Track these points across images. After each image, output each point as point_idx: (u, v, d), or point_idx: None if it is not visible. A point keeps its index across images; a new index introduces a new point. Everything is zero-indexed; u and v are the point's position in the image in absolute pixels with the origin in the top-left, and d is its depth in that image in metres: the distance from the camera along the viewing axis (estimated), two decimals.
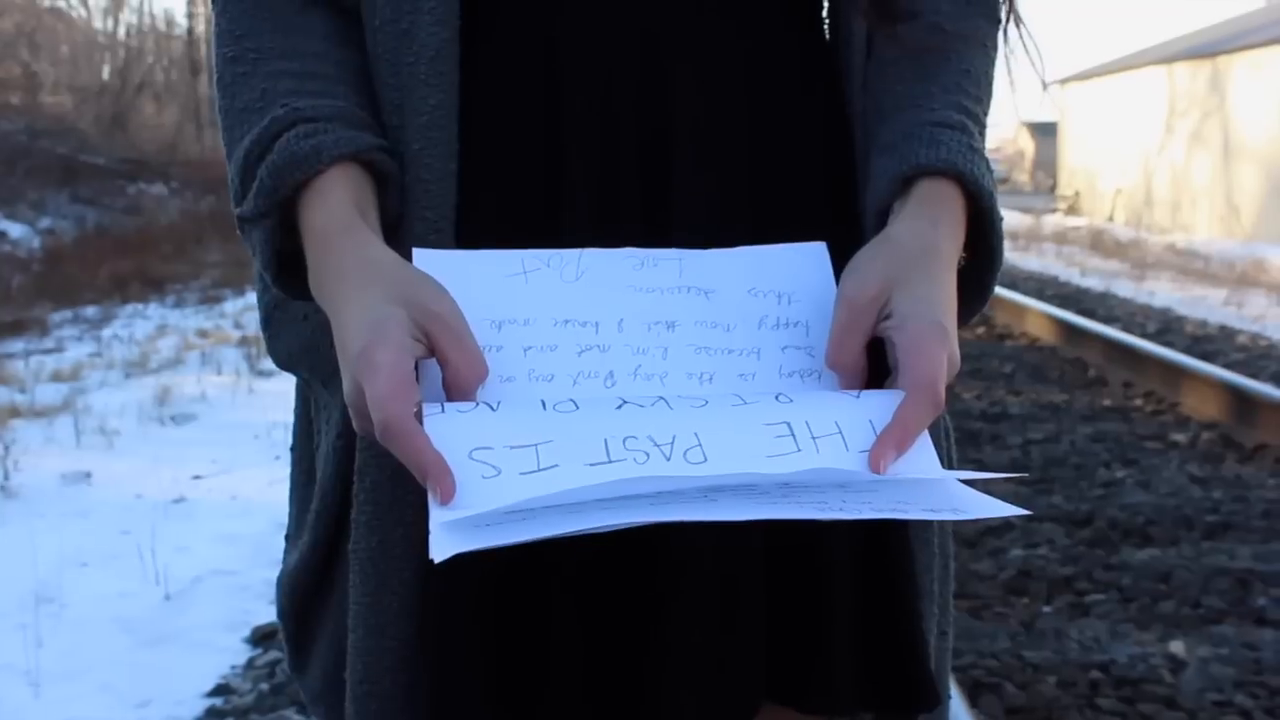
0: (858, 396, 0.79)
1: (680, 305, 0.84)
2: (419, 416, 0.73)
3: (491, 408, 0.75)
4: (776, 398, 0.79)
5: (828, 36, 0.98)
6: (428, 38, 0.86)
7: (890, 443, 0.76)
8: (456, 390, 0.75)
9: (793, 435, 0.76)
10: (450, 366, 0.75)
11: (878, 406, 0.78)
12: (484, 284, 0.82)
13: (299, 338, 0.93)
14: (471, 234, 0.86)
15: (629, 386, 0.80)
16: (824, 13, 0.98)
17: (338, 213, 0.82)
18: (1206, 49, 20.44)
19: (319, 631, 0.94)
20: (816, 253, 0.87)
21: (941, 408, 0.79)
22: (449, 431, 0.72)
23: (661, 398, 0.78)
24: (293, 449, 1.01)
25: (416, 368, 0.75)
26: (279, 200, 0.82)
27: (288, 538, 1.00)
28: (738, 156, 0.91)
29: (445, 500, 0.70)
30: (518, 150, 0.88)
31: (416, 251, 0.83)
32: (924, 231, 0.84)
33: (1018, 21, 0.96)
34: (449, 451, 0.71)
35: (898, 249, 0.83)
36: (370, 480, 0.86)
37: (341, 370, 0.77)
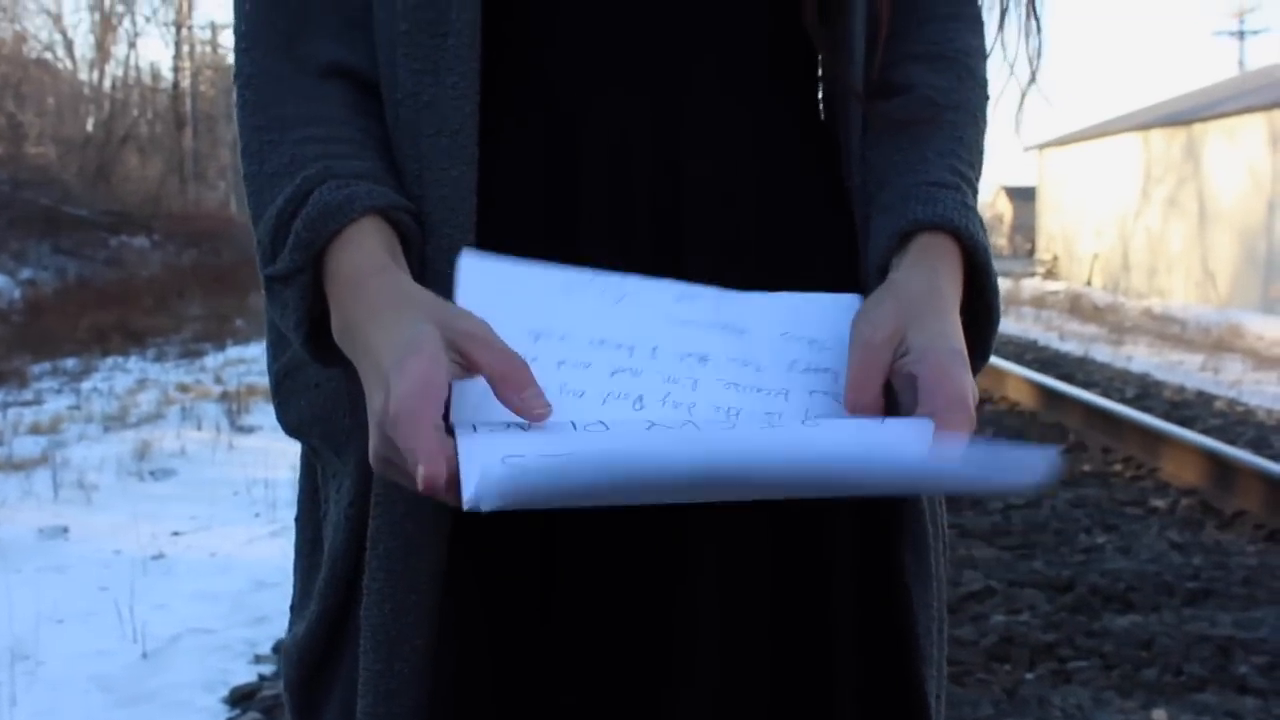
0: (882, 422, 0.81)
1: (714, 341, 0.85)
2: (449, 432, 0.74)
3: (522, 428, 0.75)
4: (803, 423, 0.81)
5: (822, 116, 1.01)
6: (450, 111, 0.87)
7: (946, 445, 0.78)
8: (505, 389, 0.75)
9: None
10: (488, 369, 0.75)
11: (904, 430, 0.80)
12: (526, 295, 0.83)
13: (311, 405, 0.94)
14: None
15: (657, 411, 0.81)
16: (819, 94, 1.01)
17: (370, 255, 0.82)
18: (1181, 116, 20.72)
19: (327, 703, 0.94)
20: (850, 304, 0.88)
21: (974, 424, 0.81)
22: (480, 447, 0.72)
23: (690, 422, 0.79)
24: (297, 519, 1.01)
25: (450, 391, 0.75)
26: (314, 253, 0.83)
27: (292, 608, 1.00)
28: (746, 236, 0.93)
29: (430, 485, 0.71)
30: (533, 223, 0.90)
31: (465, 252, 0.83)
32: (926, 276, 0.86)
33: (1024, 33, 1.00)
34: (482, 460, 0.71)
35: (904, 291, 0.85)
36: (384, 548, 0.86)
37: (373, 394, 0.77)
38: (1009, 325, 14.35)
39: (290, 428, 0.96)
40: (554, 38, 0.92)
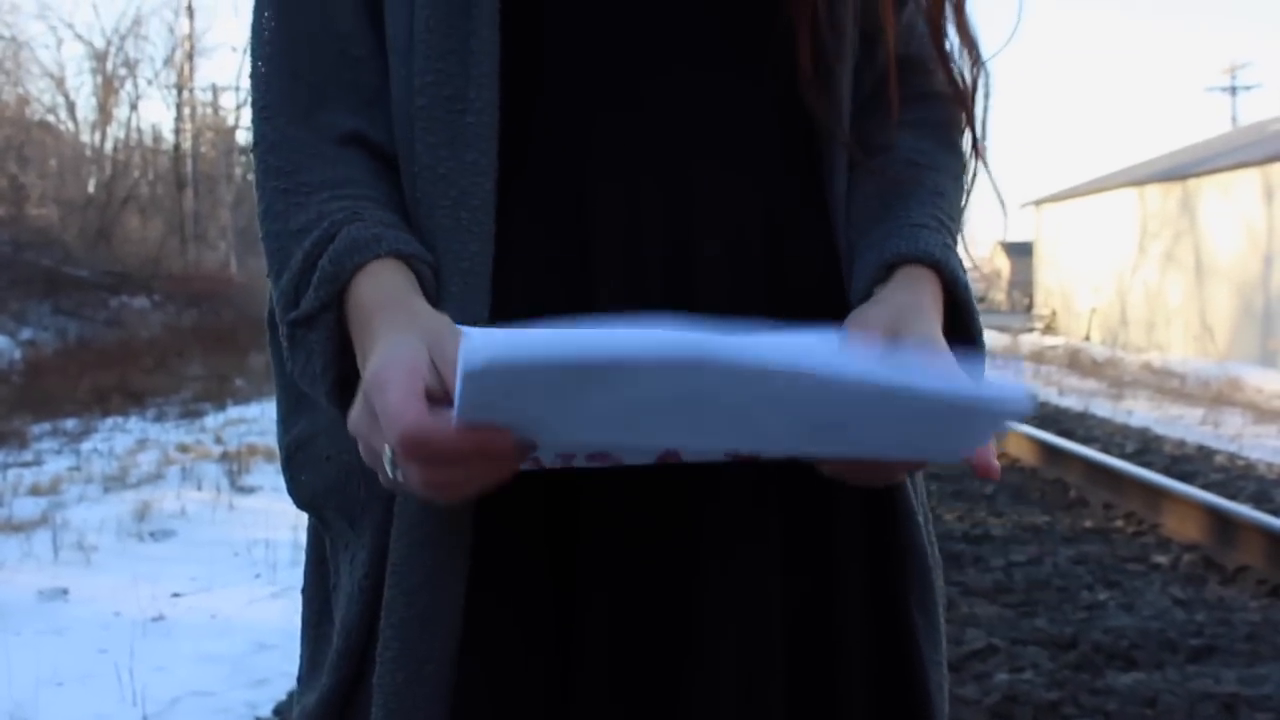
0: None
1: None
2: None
3: None
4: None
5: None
6: (469, 186, 0.88)
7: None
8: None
9: None
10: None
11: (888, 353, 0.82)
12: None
13: (323, 479, 0.94)
14: None
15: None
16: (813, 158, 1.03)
17: (393, 287, 0.84)
18: (1177, 171, 20.86)
19: None
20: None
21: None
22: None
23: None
24: (303, 590, 1.01)
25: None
26: (339, 287, 0.84)
27: (300, 679, 1.00)
28: (757, 309, 0.94)
29: (507, 453, 0.72)
30: (550, 304, 0.90)
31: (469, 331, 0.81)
32: (910, 295, 0.90)
33: (984, 162, 1.02)
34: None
35: (890, 304, 0.89)
36: (398, 617, 0.86)
37: (354, 405, 0.78)
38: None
39: (302, 501, 0.96)
40: (570, 118, 0.93)
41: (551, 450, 0.80)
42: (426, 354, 0.76)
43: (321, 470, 0.94)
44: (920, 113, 1.03)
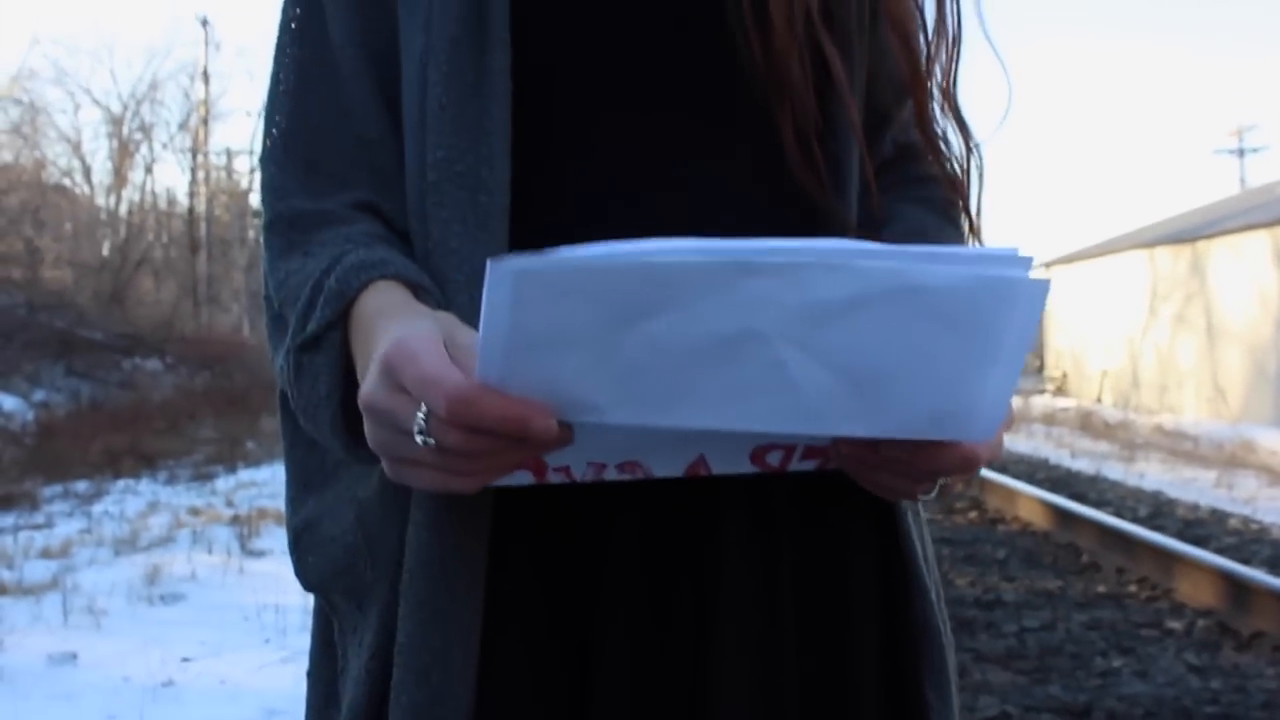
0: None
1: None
2: None
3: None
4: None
5: None
6: (482, 262, 0.88)
7: None
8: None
9: None
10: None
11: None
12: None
13: (330, 561, 0.94)
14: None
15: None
16: None
17: (396, 296, 0.84)
18: (1186, 234, 20.90)
19: None
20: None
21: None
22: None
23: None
24: (309, 673, 1.01)
25: None
26: (346, 304, 0.84)
27: None
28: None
29: (548, 443, 0.71)
30: None
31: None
32: None
33: (979, 242, 1.03)
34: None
35: None
36: (408, 698, 0.86)
37: (363, 380, 0.77)
38: (1019, 443, 14.32)
39: (309, 584, 0.96)
40: (581, 196, 0.94)
41: (583, 458, 0.80)
42: (441, 337, 0.76)
43: (328, 552, 0.94)
44: (923, 192, 1.05)
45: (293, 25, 0.99)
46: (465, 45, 0.91)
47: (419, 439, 0.72)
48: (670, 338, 0.69)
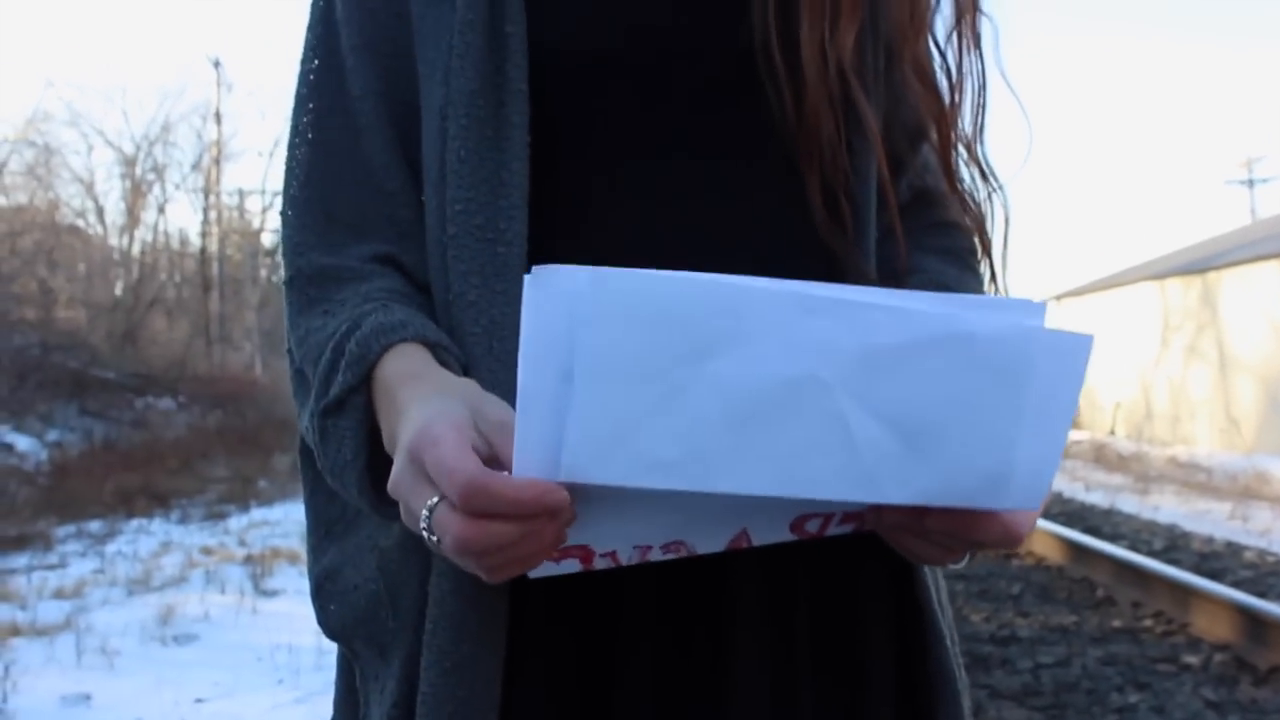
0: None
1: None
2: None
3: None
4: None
5: None
6: (499, 314, 0.89)
7: None
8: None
9: None
10: (509, 463, 0.73)
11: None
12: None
13: (352, 609, 0.94)
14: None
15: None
16: None
17: (418, 362, 0.85)
18: (1197, 265, 20.87)
19: None
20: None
21: None
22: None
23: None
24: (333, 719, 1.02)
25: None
26: (367, 368, 0.84)
27: None
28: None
29: (566, 513, 0.70)
30: None
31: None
32: None
33: (999, 289, 1.04)
34: None
35: None
36: None
37: (394, 466, 0.76)
38: None
39: (332, 632, 0.97)
40: (598, 250, 0.93)
41: (629, 542, 0.79)
42: (469, 414, 0.76)
43: (350, 600, 0.94)
44: (943, 240, 1.06)
45: (311, 77, 1.00)
46: (484, 98, 0.91)
47: (424, 533, 0.73)
48: (735, 377, 0.69)
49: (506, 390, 0.88)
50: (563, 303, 0.66)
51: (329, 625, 0.97)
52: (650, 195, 0.94)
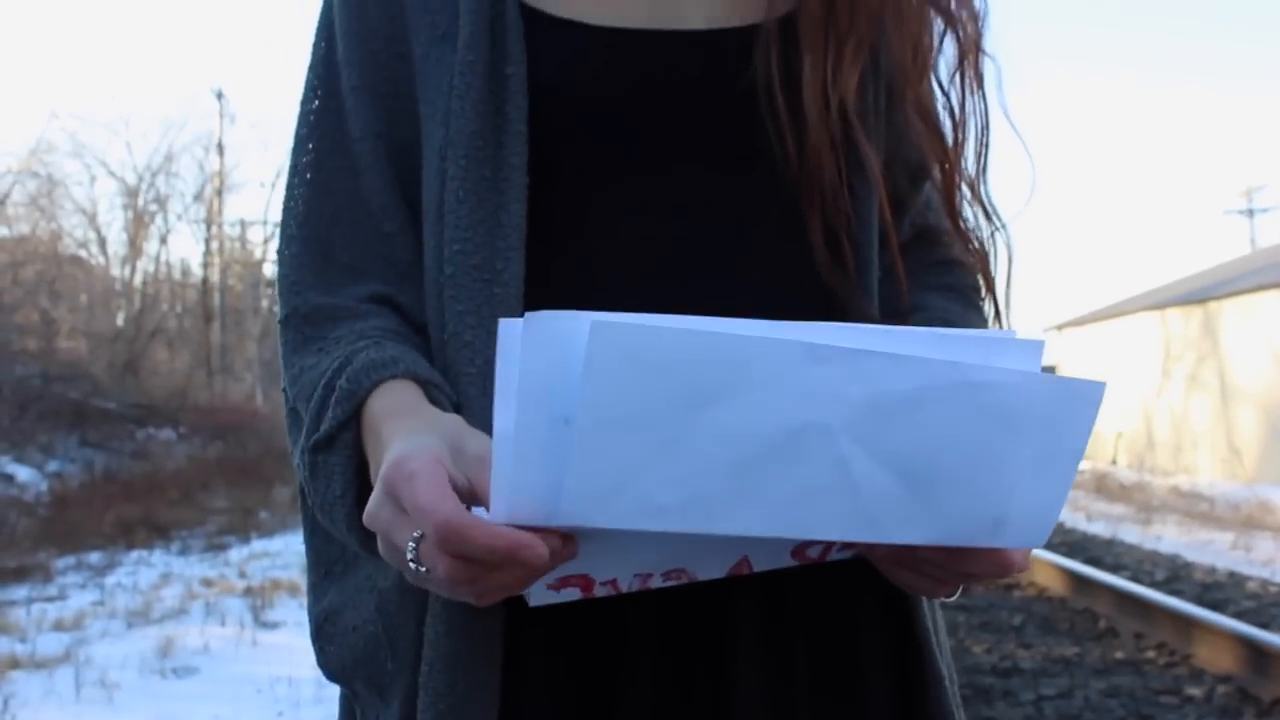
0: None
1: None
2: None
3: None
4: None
5: None
6: (494, 356, 0.90)
7: None
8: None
9: None
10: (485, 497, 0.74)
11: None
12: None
13: (351, 650, 0.94)
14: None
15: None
16: None
17: (406, 397, 0.85)
18: (1197, 295, 20.90)
19: None
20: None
21: None
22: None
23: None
24: None
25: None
26: (357, 404, 0.84)
27: None
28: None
29: (541, 564, 0.69)
30: None
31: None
32: None
33: (1000, 320, 1.04)
34: None
35: None
36: None
37: (371, 497, 0.77)
38: None
39: (332, 673, 0.97)
40: (595, 289, 0.93)
41: (629, 570, 0.79)
42: (447, 450, 0.76)
43: (349, 642, 0.94)
44: (946, 278, 1.06)
45: (311, 117, 1.01)
46: (483, 139, 0.92)
47: (411, 566, 0.73)
48: (737, 425, 0.68)
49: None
50: (561, 348, 0.66)
51: (328, 666, 0.97)
52: (648, 236, 0.94)
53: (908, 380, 0.71)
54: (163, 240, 29.82)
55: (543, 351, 0.67)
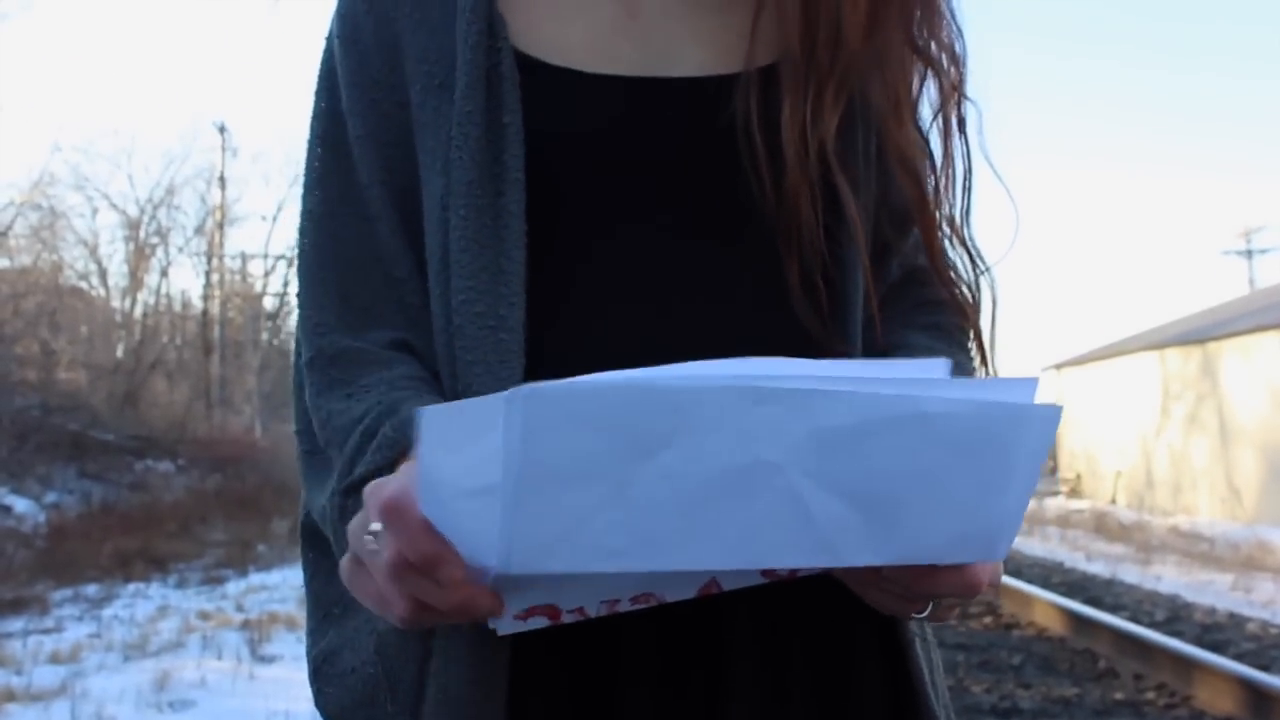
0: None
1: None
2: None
3: None
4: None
5: None
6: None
7: None
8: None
9: None
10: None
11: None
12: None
13: (350, 693, 0.94)
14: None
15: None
16: None
17: None
18: (1196, 335, 20.93)
19: None
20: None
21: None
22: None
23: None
24: None
25: None
26: (398, 453, 0.85)
27: None
28: None
29: (449, 584, 0.71)
30: None
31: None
32: None
33: (990, 369, 1.05)
34: None
35: None
36: None
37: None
38: (1034, 546, 14.20)
39: (330, 715, 0.97)
40: (596, 334, 0.95)
41: (596, 597, 0.79)
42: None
43: (347, 684, 0.94)
44: (932, 317, 1.06)
45: (318, 164, 1.02)
46: (482, 187, 0.93)
47: (369, 551, 0.75)
48: (684, 469, 0.69)
49: None
50: (518, 414, 0.67)
51: (326, 708, 0.97)
52: (638, 276, 0.95)
53: (852, 415, 0.71)
54: (163, 273, 29.86)
55: (510, 424, 0.67)
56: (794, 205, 0.95)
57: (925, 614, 0.88)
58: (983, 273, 1.02)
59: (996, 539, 0.78)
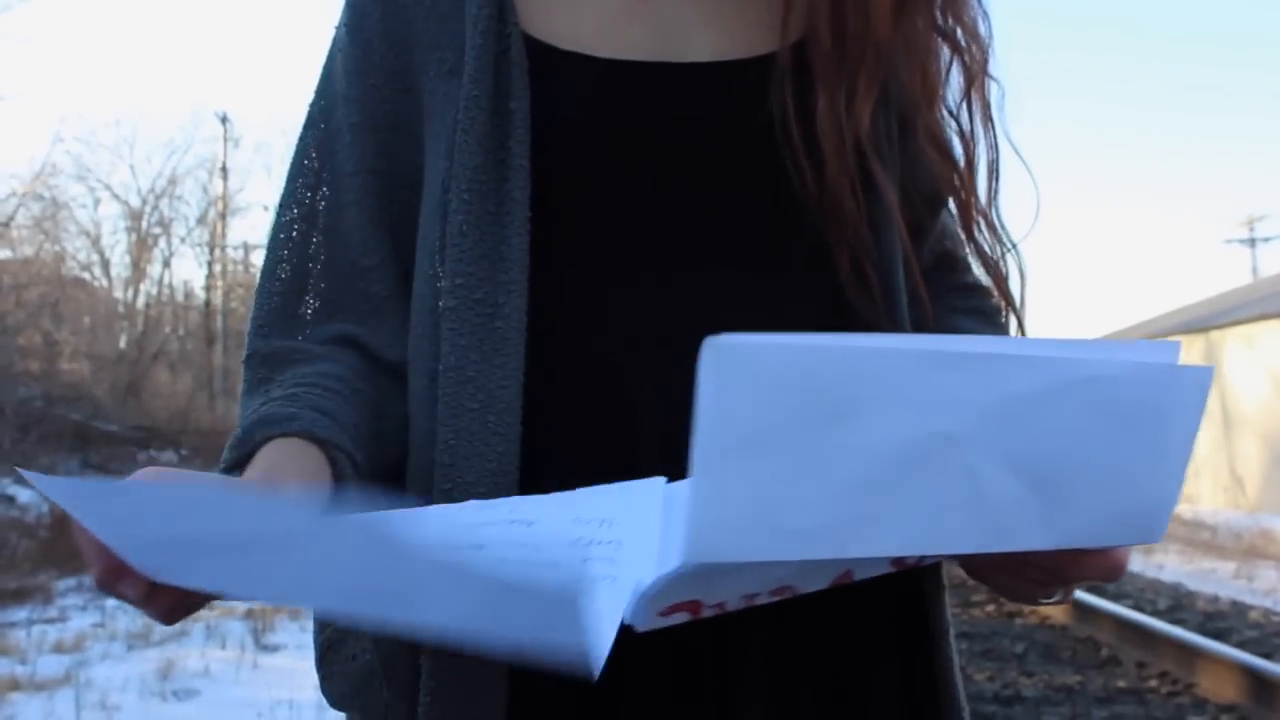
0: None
1: (496, 534, 0.78)
2: None
3: None
4: None
5: None
6: (496, 389, 0.89)
7: None
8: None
9: None
10: None
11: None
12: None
13: (350, 679, 0.94)
14: None
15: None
16: None
17: (288, 454, 0.85)
18: (1199, 324, 20.91)
19: None
20: (651, 487, 0.82)
21: None
22: None
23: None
24: None
25: None
26: (244, 454, 0.85)
27: None
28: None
29: (101, 575, 0.70)
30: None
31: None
32: None
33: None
34: None
35: None
36: None
37: None
38: None
39: (334, 700, 0.97)
40: (601, 324, 0.93)
41: (739, 591, 0.75)
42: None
43: (347, 671, 0.94)
44: (970, 300, 1.07)
45: (305, 162, 1.03)
46: (485, 173, 0.92)
47: None
48: (872, 441, 0.65)
49: (503, 462, 0.88)
50: (710, 368, 0.62)
51: (330, 694, 0.97)
52: (653, 269, 0.94)
53: (1032, 381, 0.68)
54: (166, 263, 29.87)
55: (727, 379, 0.62)
56: (836, 197, 0.94)
57: (1055, 600, 0.87)
58: (1010, 250, 1.01)
59: (1155, 518, 0.75)
